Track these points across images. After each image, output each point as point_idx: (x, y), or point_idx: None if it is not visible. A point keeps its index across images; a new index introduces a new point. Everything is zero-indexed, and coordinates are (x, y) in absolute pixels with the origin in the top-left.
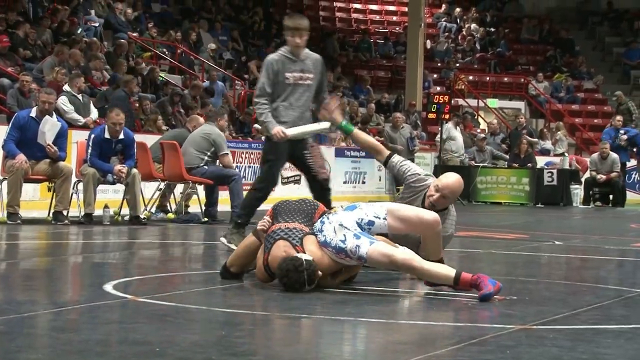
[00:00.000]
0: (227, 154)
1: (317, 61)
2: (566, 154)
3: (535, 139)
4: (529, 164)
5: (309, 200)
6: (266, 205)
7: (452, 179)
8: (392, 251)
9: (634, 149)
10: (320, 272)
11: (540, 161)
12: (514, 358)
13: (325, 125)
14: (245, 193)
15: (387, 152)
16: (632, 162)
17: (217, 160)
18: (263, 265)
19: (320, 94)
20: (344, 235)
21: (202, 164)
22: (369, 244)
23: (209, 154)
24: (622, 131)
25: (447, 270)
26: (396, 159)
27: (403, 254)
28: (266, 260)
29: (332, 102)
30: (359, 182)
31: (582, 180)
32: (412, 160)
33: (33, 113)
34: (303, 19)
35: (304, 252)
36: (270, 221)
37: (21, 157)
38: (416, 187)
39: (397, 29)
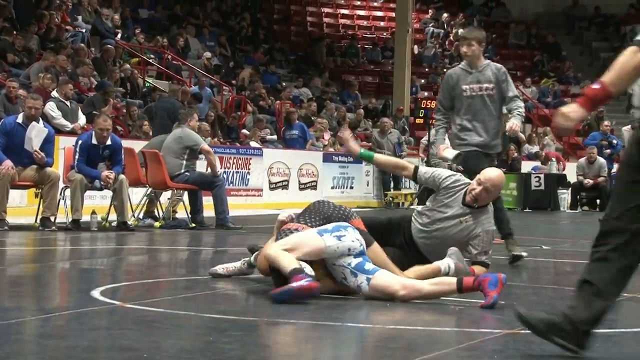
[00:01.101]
0: (202, 141)
1: (497, 70)
2: (553, 159)
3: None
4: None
5: (346, 210)
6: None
7: (494, 173)
8: (390, 288)
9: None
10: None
11: (528, 166)
12: None
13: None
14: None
15: (412, 166)
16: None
17: (198, 165)
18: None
19: (504, 103)
20: (344, 274)
21: (183, 171)
22: (367, 282)
23: (185, 156)
24: (607, 140)
25: (448, 286)
26: (423, 169)
27: (404, 289)
28: None
29: (344, 133)
30: (346, 187)
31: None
32: None
33: (20, 119)
34: (475, 29)
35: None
36: (293, 216)
37: (7, 163)
38: (455, 187)
39: (385, 34)
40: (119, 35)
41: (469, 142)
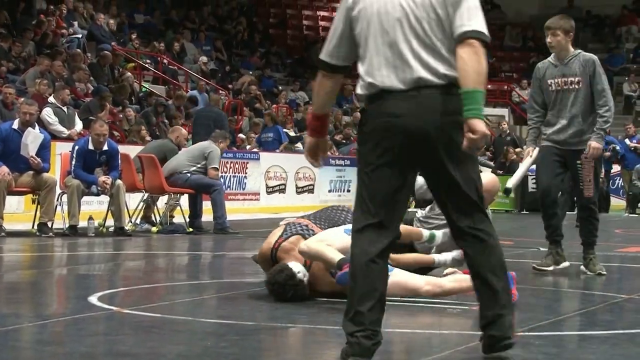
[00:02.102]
0: (217, 168)
1: (586, 62)
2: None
3: (519, 149)
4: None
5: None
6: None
7: (487, 178)
8: (414, 284)
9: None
10: (307, 293)
11: None
12: None
13: (528, 163)
14: (226, 203)
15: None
16: (616, 168)
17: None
18: (271, 248)
19: (595, 98)
20: None
21: (186, 172)
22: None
23: (199, 165)
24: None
25: (466, 283)
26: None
27: (427, 285)
28: (278, 245)
29: None
30: (343, 191)
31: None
32: None
33: (15, 125)
34: (561, 18)
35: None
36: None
37: (4, 170)
38: None
39: None
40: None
41: (547, 137)
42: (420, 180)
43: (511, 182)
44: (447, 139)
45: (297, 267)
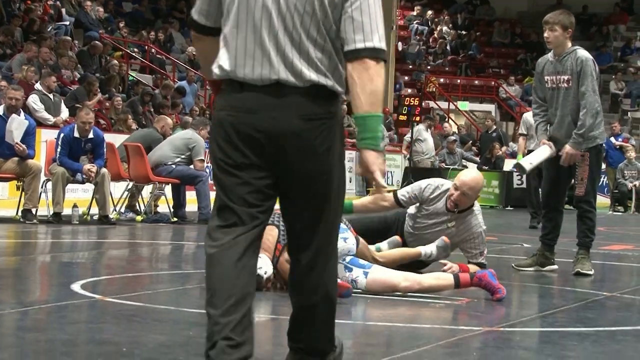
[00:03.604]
0: (203, 160)
1: (576, 61)
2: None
3: (504, 147)
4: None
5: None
6: None
7: (469, 176)
8: (393, 280)
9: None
10: (265, 286)
11: (510, 164)
12: None
13: (549, 150)
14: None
15: (391, 195)
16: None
17: (191, 165)
18: (273, 255)
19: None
20: None
21: (170, 163)
22: (364, 275)
23: (183, 156)
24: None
25: (445, 280)
26: (401, 192)
27: (404, 281)
28: (279, 253)
29: None
30: None
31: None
32: None
33: (0, 111)
34: (560, 12)
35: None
36: None
37: None
38: (436, 196)
39: None
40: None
41: (549, 135)
42: (422, 183)
43: (530, 161)
44: (306, 149)
45: (263, 262)
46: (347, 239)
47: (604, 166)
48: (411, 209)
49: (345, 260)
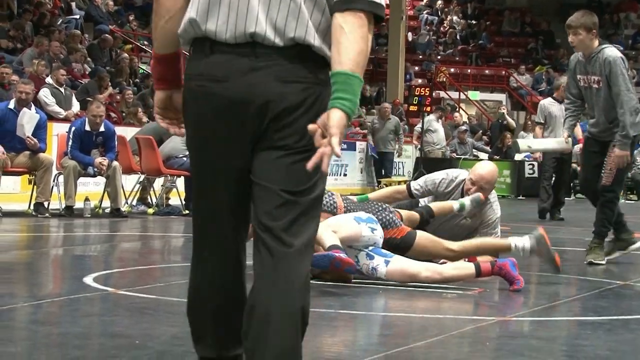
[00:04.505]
0: None
1: (604, 62)
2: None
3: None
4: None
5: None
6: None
7: (485, 169)
8: (414, 269)
9: None
10: None
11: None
12: (493, 350)
13: (563, 145)
14: None
15: (404, 187)
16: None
17: None
18: None
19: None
20: (356, 257)
21: (182, 155)
22: (385, 264)
23: None
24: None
25: (467, 270)
26: (415, 184)
27: (425, 271)
28: None
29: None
30: (340, 175)
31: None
32: (394, 154)
33: (11, 105)
34: (583, 14)
35: None
36: None
37: None
38: (451, 189)
39: None
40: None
41: (587, 129)
42: (437, 176)
43: (529, 144)
44: (283, 117)
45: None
46: (375, 230)
47: None
48: (427, 201)
49: (368, 248)
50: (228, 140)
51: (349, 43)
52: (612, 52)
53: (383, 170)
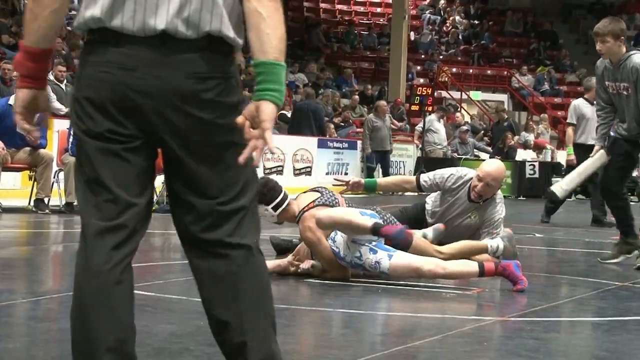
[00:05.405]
0: None
1: (631, 69)
2: (548, 147)
3: (516, 137)
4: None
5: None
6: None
7: (492, 166)
8: (417, 263)
9: None
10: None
11: (523, 154)
12: (491, 349)
13: (597, 161)
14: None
15: (414, 178)
16: None
17: None
18: (300, 210)
19: None
20: (359, 251)
21: None
22: (388, 258)
23: None
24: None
25: (470, 268)
26: (424, 177)
27: (428, 264)
28: (307, 208)
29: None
30: (341, 173)
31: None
32: (391, 152)
33: (12, 100)
34: (610, 22)
35: None
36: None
37: None
38: (459, 186)
39: (381, 20)
40: None
41: (616, 130)
42: (445, 172)
43: (564, 186)
44: (195, 114)
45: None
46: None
47: None
48: (432, 201)
49: (372, 243)
50: (129, 133)
51: (270, 30)
52: (637, 58)
53: (382, 170)
